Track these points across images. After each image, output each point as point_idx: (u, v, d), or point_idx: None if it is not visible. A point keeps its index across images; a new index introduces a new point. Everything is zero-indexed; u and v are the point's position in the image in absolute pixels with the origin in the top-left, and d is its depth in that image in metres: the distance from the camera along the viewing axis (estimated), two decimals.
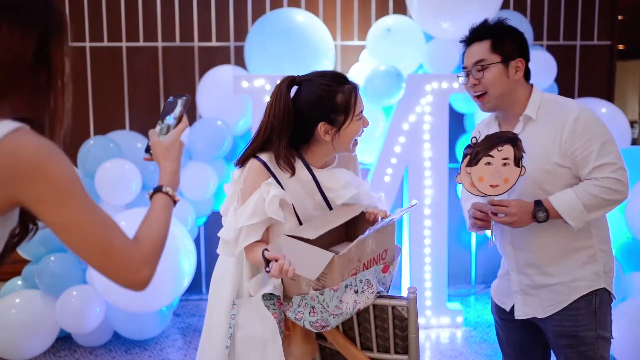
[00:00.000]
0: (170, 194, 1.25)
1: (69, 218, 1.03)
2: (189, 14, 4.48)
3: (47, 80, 1.09)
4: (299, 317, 1.71)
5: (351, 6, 4.55)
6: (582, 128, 1.89)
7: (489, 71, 1.98)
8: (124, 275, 1.08)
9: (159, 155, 1.31)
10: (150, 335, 3.71)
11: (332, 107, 1.80)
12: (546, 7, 4.65)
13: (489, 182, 1.91)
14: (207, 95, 4.04)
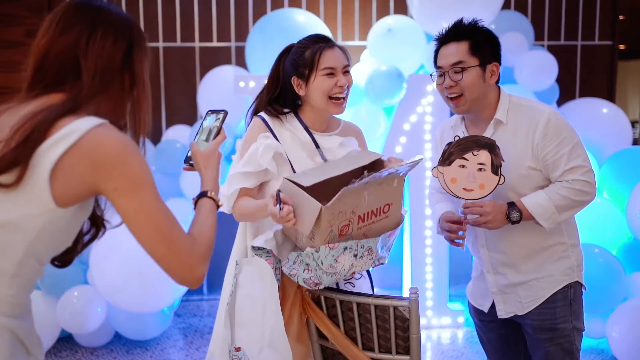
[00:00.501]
0: (215, 199, 1.35)
1: (141, 208, 1.13)
2: (190, 14, 4.49)
3: (131, 86, 1.23)
4: (293, 273, 1.75)
5: (352, 6, 4.55)
6: (553, 132, 1.92)
7: (467, 73, 1.93)
8: (182, 270, 1.18)
9: (200, 164, 1.40)
10: (151, 335, 3.71)
11: (301, 61, 1.93)
12: (547, 7, 4.65)
13: (462, 185, 1.90)
14: (207, 96, 4.04)
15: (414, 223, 3.86)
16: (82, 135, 1.08)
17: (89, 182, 1.11)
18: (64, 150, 1.08)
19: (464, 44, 1.95)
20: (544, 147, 1.92)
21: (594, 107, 4.12)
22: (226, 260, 2.02)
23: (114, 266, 3.26)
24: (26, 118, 1.10)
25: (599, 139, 3.96)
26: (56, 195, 1.09)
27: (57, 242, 1.18)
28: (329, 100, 1.92)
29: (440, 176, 1.91)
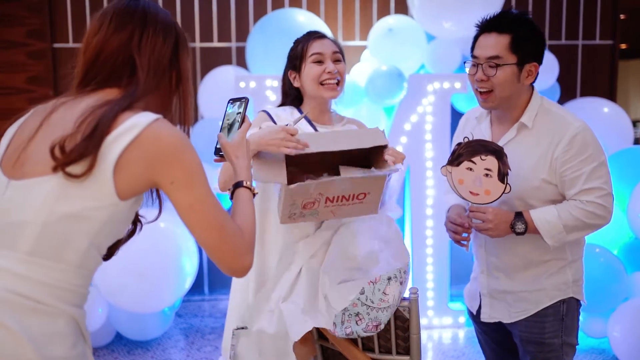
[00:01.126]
0: (250, 187, 1.38)
1: (196, 201, 1.17)
2: (191, 15, 4.49)
3: (177, 82, 1.29)
4: (348, 332, 1.71)
5: (352, 6, 4.55)
6: (577, 148, 1.81)
7: (502, 71, 1.83)
8: (233, 260, 1.22)
9: (230, 154, 1.41)
10: (152, 336, 3.71)
11: (294, 55, 2.04)
12: (548, 6, 4.64)
13: (469, 188, 1.84)
14: (208, 96, 4.04)
15: (415, 223, 3.86)
16: (142, 130, 1.13)
17: (148, 174, 1.15)
18: (127, 144, 1.12)
19: (505, 37, 1.84)
20: (564, 163, 1.82)
21: (595, 107, 4.11)
22: None
23: (115, 266, 3.23)
24: (88, 111, 1.15)
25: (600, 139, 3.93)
26: (119, 188, 1.14)
27: (115, 234, 1.23)
28: (320, 86, 1.97)
29: (449, 175, 1.88)
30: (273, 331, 1.75)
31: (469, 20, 3.77)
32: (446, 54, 3.93)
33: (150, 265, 3.22)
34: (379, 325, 1.70)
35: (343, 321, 1.71)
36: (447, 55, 3.92)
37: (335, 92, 1.99)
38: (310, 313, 1.73)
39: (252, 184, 1.39)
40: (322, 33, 2.05)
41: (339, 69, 1.99)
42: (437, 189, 3.84)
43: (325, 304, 1.77)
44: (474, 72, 1.90)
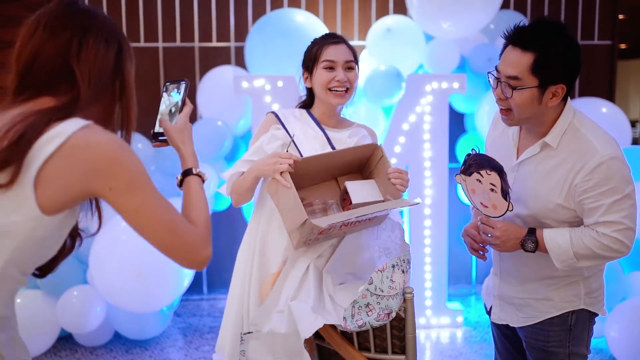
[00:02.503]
0: (200, 174, 1.34)
1: (140, 205, 1.11)
2: (190, 15, 4.49)
3: (121, 93, 1.23)
4: (361, 324, 1.70)
5: (351, 6, 4.55)
6: (599, 179, 1.68)
7: (519, 94, 1.68)
8: (189, 255, 1.18)
9: (175, 139, 1.37)
10: (151, 335, 3.72)
11: (308, 56, 2.05)
12: (546, 6, 4.65)
13: (479, 199, 1.80)
14: (207, 96, 4.05)
15: (413, 223, 3.86)
16: (67, 138, 1.05)
17: (80, 185, 1.08)
18: (50, 153, 1.04)
19: (529, 56, 1.66)
20: (584, 192, 1.70)
21: (593, 107, 4.11)
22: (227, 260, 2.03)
23: (114, 266, 3.26)
24: (18, 118, 1.07)
25: None
26: (42, 201, 1.06)
27: (42, 252, 1.15)
28: (329, 92, 2.00)
29: (463, 184, 1.84)
30: (284, 330, 1.75)
31: (468, 20, 3.81)
32: (445, 54, 3.93)
33: (149, 265, 3.23)
34: (390, 313, 1.70)
35: (353, 314, 1.71)
36: (446, 55, 3.93)
37: (343, 100, 2.01)
38: (319, 311, 1.74)
39: (200, 169, 1.35)
40: (339, 38, 2.06)
41: (350, 78, 2.01)
42: (434, 188, 3.84)
43: (331, 303, 1.77)
44: (495, 87, 1.76)
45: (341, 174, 2.01)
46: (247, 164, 1.98)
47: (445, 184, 3.86)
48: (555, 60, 1.65)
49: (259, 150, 1.97)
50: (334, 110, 2.06)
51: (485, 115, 3.97)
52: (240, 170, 1.98)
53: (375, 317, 1.68)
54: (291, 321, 1.71)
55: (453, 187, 4.31)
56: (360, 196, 1.86)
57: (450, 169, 3.98)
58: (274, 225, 1.96)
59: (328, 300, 1.77)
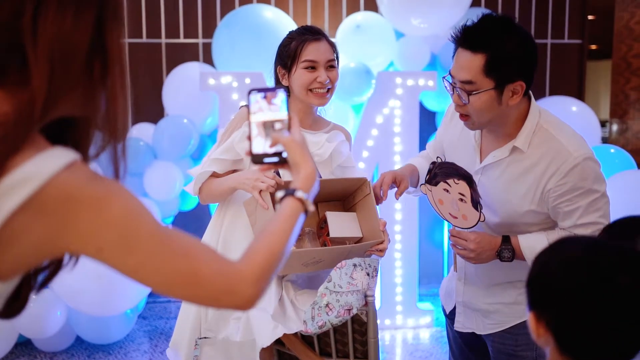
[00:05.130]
0: (303, 200, 1.07)
1: (141, 261, 0.85)
2: (156, 10, 4.38)
3: (103, 73, 0.85)
4: (321, 324, 1.63)
5: (322, 3, 4.49)
6: (575, 182, 1.61)
7: (477, 98, 1.58)
8: (222, 301, 0.93)
9: (296, 154, 1.11)
10: (114, 339, 3.61)
11: (286, 52, 1.92)
12: (517, 4, 4.64)
13: (448, 210, 1.72)
14: (173, 93, 3.94)
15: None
16: (42, 186, 0.77)
17: (54, 245, 0.81)
18: (12, 209, 0.76)
19: (480, 57, 1.55)
20: (559, 196, 1.63)
21: (563, 106, 4.11)
22: None
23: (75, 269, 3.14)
24: None
25: None
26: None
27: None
28: (309, 92, 1.90)
29: (429, 194, 1.76)
30: (240, 339, 1.68)
31: (438, 17, 3.76)
32: (415, 51, 3.89)
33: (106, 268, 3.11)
34: (351, 309, 1.63)
35: (313, 316, 1.64)
36: (416, 52, 3.89)
37: (324, 100, 1.93)
38: (279, 319, 1.66)
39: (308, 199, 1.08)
40: (319, 33, 1.93)
41: (332, 77, 1.92)
42: None
43: (293, 309, 1.70)
44: (451, 93, 1.66)
45: (322, 200, 1.93)
46: (217, 163, 1.89)
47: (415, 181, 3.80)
48: (508, 57, 1.56)
49: (230, 149, 1.88)
50: (311, 109, 1.98)
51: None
52: (209, 170, 1.90)
53: (336, 314, 1.62)
54: (248, 329, 1.64)
55: None
56: (339, 230, 1.80)
57: None
58: (239, 224, 1.89)
59: (289, 306, 1.70)
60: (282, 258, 1.00)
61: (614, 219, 1.13)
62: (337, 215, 1.85)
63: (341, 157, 1.97)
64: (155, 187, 3.64)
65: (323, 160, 1.92)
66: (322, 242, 1.86)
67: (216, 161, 1.90)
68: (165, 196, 3.66)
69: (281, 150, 1.12)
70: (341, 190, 1.91)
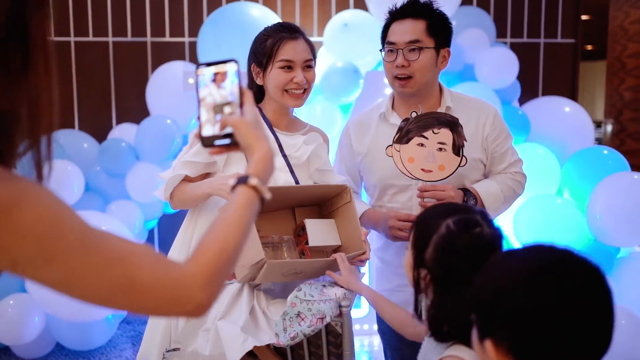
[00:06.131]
0: (258, 188, 0.96)
1: (67, 272, 0.75)
2: (142, 8, 4.29)
3: (24, 64, 0.77)
4: (293, 335, 1.54)
5: (310, 1, 4.40)
6: (501, 126, 1.96)
7: (423, 55, 1.85)
8: (171, 310, 0.84)
9: (250, 135, 0.99)
10: (95, 345, 3.52)
11: (261, 49, 1.84)
12: (510, 3, 4.56)
13: (420, 165, 1.75)
14: (157, 93, 3.85)
15: None
16: None
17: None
18: None
19: (421, 22, 1.86)
20: (494, 140, 1.94)
21: (556, 106, 4.04)
22: None
23: None
24: None
25: (561, 138, 3.88)
26: None
27: None
28: (285, 93, 1.82)
29: (396, 154, 1.76)
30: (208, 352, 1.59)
31: None
32: None
33: None
34: (323, 318, 1.55)
35: (285, 327, 1.55)
36: None
37: (300, 102, 1.85)
38: (250, 331, 1.57)
39: (265, 184, 0.98)
40: (296, 31, 1.85)
41: (308, 78, 1.84)
42: None
43: (265, 320, 1.62)
44: (392, 59, 1.89)
45: (299, 205, 1.85)
46: (189, 166, 1.80)
47: None
48: (442, 25, 1.90)
49: (202, 151, 1.78)
50: (287, 110, 1.90)
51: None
52: (180, 173, 1.80)
53: (308, 324, 1.53)
54: (217, 342, 1.55)
55: None
56: (318, 238, 1.73)
57: None
58: None
59: (261, 316, 1.61)
60: (237, 254, 0.90)
61: None
62: (316, 223, 1.77)
63: (319, 161, 1.89)
64: (138, 189, 3.54)
65: (300, 163, 1.85)
66: (300, 250, 1.78)
67: (188, 164, 1.80)
68: (148, 198, 3.57)
69: (232, 132, 1.02)
70: (319, 196, 1.83)
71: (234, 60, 1.04)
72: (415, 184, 1.88)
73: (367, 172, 2.04)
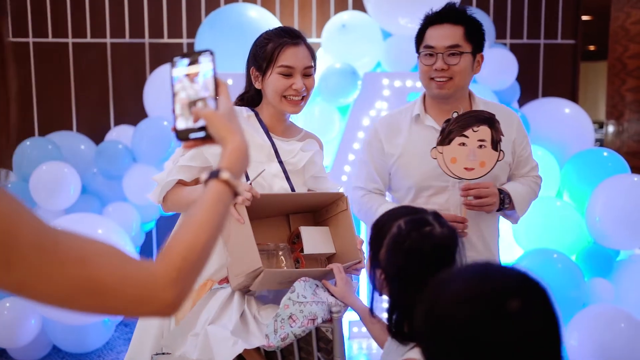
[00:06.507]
0: (230, 182, 0.93)
1: (24, 275, 0.73)
2: (140, 9, 4.28)
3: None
4: (284, 336, 1.53)
5: (309, 2, 4.39)
6: (523, 130, 2.04)
7: (463, 59, 1.91)
8: (138, 310, 0.82)
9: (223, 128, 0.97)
10: (92, 347, 3.50)
11: (261, 53, 1.82)
12: (509, 4, 4.53)
13: (463, 165, 1.81)
14: (154, 95, 3.83)
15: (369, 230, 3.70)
16: None
17: None
18: None
19: (459, 28, 1.91)
20: (519, 144, 2.03)
21: (556, 108, 4.01)
22: None
23: None
24: None
25: (561, 140, 3.85)
26: None
27: None
28: (283, 99, 1.81)
29: (440, 157, 1.82)
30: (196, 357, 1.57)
31: None
32: (403, 51, 3.77)
33: None
34: (315, 319, 1.54)
35: (276, 329, 1.54)
36: (404, 52, 3.77)
37: (298, 108, 1.84)
38: (240, 334, 1.55)
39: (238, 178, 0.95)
40: (298, 36, 1.84)
41: (308, 85, 1.82)
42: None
43: (255, 324, 1.60)
44: (431, 63, 1.92)
45: (294, 212, 1.84)
46: (184, 170, 1.78)
47: None
48: (478, 30, 1.95)
49: (199, 155, 1.77)
50: (284, 116, 1.88)
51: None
52: (175, 178, 1.78)
53: (299, 325, 1.52)
54: (206, 347, 1.53)
55: None
56: (313, 246, 1.72)
57: None
58: None
59: (252, 321, 1.59)
60: (207, 251, 0.87)
61: None
62: (311, 231, 1.76)
63: (315, 168, 1.88)
64: (135, 191, 3.53)
65: (297, 169, 1.83)
66: (295, 257, 1.77)
67: (183, 168, 1.78)
68: (145, 200, 3.55)
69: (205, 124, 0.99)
70: (315, 203, 1.82)
71: (209, 51, 1.02)
72: (452, 185, 1.93)
73: (400, 174, 2.03)
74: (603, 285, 3.27)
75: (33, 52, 4.22)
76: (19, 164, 3.44)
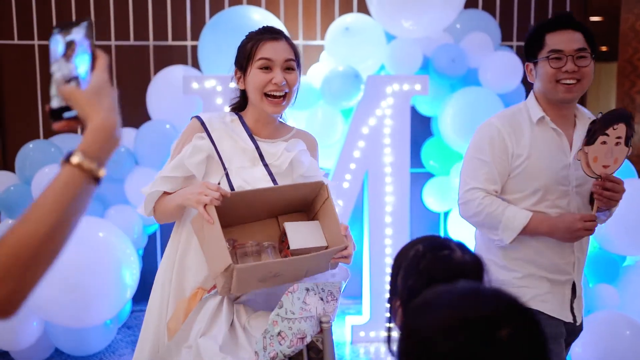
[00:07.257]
0: (83, 166, 0.83)
1: None
2: (144, 11, 4.28)
3: None
4: (273, 355, 1.51)
5: (313, 4, 4.37)
6: None
7: (589, 62, 1.97)
8: None
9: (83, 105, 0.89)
10: (94, 350, 3.50)
11: (242, 53, 1.80)
12: (516, 6, 4.49)
13: (602, 163, 1.89)
14: (157, 97, 3.84)
15: (373, 232, 3.68)
16: None
17: None
18: None
19: (580, 34, 1.98)
20: None
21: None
22: None
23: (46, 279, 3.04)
24: None
25: None
26: None
27: None
28: (264, 98, 1.76)
29: (584, 157, 1.88)
30: None
31: (430, 19, 3.62)
32: (407, 54, 3.75)
33: (81, 278, 3.00)
34: (304, 338, 1.52)
35: (265, 346, 1.52)
36: (408, 55, 3.75)
37: (278, 108, 1.78)
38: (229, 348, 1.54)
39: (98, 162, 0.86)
40: (277, 33, 1.80)
41: (289, 80, 1.76)
42: (395, 195, 3.66)
43: (245, 336, 1.58)
44: (561, 65, 1.95)
45: (283, 213, 1.80)
46: (167, 181, 1.76)
47: (407, 190, 3.68)
48: (592, 37, 2.01)
49: (180, 165, 1.75)
50: (269, 118, 1.83)
51: (449, 119, 3.79)
52: (159, 189, 1.77)
53: (288, 344, 1.50)
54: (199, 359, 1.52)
55: (415, 194, 4.13)
56: (299, 241, 1.67)
57: (412, 174, 3.81)
58: (193, 243, 1.76)
59: (241, 333, 1.57)
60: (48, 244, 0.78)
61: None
62: (297, 226, 1.72)
63: (302, 167, 1.83)
64: (137, 194, 3.53)
65: (282, 171, 1.80)
66: (284, 256, 1.74)
67: (166, 179, 1.77)
68: None
69: None
70: (302, 199, 1.78)
71: (85, 22, 0.97)
72: (572, 189, 1.99)
73: (525, 176, 2.00)
74: (608, 291, 3.23)
75: (38, 54, 4.24)
76: (22, 167, 3.45)
